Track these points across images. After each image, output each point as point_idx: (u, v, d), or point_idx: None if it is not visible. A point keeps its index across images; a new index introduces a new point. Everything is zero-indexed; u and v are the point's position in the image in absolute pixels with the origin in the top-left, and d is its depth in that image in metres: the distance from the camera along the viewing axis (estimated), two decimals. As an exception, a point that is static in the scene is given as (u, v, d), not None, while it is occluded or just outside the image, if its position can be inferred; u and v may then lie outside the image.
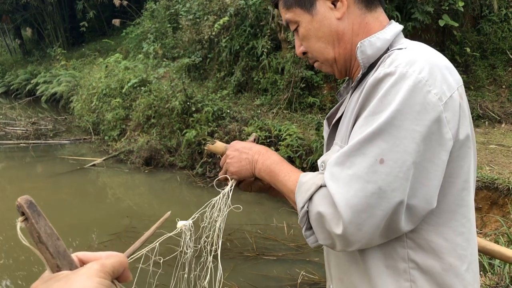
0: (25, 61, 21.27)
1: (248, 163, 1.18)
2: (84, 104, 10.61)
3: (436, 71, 0.90)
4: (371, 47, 1.02)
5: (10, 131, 10.53)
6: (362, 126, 0.90)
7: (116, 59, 10.76)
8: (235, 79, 7.99)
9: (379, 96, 0.89)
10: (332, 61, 1.10)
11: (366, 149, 0.87)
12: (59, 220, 5.69)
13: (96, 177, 7.43)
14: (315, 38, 1.08)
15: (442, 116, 0.87)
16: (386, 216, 0.85)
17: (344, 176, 0.88)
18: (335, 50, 1.08)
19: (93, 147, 9.02)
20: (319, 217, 0.91)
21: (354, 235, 0.86)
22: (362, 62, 1.02)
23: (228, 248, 4.35)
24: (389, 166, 0.85)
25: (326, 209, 0.89)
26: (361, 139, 0.87)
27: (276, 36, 7.62)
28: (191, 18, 9.18)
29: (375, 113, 0.88)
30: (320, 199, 0.91)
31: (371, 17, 1.06)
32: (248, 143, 1.23)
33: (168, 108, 7.46)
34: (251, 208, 5.67)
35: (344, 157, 0.89)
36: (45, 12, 19.63)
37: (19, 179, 7.44)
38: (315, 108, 6.97)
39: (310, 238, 0.97)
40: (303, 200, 0.95)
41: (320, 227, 0.92)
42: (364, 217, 0.85)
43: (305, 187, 0.96)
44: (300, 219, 0.96)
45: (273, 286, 3.60)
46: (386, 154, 0.85)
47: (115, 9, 15.52)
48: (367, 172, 0.86)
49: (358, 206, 0.85)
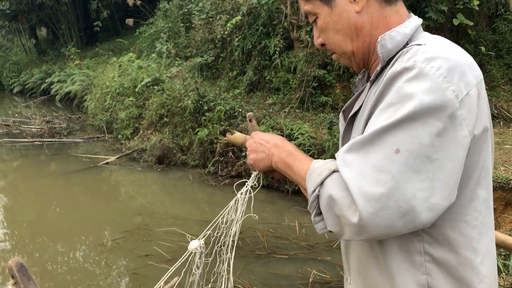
0: (40, 60, 21.52)
1: (265, 156, 1.17)
2: (98, 103, 10.71)
3: (455, 68, 0.90)
4: (391, 41, 1.01)
5: (25, 130, 10.67)
6: (378, 117, 0.90)
7: (129, 59, 10.84)
8: (247, 78, 8.00)
9: (396, 89, 0.90)
10: (350, 54, 1.10)
11: (382, 138, 0.87)
12: (72, 217, 5.75)
13: (109, 175, 7.49)
14: (334, 31, 1.08)
15: (458, 113, 0.87)
16: (399, 208, 0.84)
17: (358, 163, 0.88)
18: (353, 43, 1.08)
19: (107, 145, 9.10)
20: (330, 201, 0.90)
21: (368, 225, 0.85)
22: (382, 56, 1.02)
23: (239, 246, 4.36)
24: (404, 156, 0.85)
25: (339, 192, 0.89)
26: (378, 129, 0.88)
27: (288, 35, 7.61)
28: (203, 17, 9.20)
29: (392, 105, 0.89)
30: (332, 183, 0.91)
31: (391, 10, 1.05)
32: (266, 134, 1.22)
33: (180, 107, 7.49)
34: (263, 207, 5.67)
35: (359, 144, 0.89)
36: (60, 12, 19.84)
37: (34, 177, 7.53)
38: (328, 107, 6.95)
39: (319, 224, 0.96)
40: (315, 184, 0.94)
41: (330, 211, 0.91)
42: (378, 206, 0.84)
43: (317, 171, 0.96)
44: (310, 204, 0.95)
45: (284, 284, 3.60)
46: (402, 144, 0.85)
47: (129, 8, 15.62)
48: (382, 161, 0.86)
49: (370, 195, 0.84)
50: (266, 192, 6.00)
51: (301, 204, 5.44)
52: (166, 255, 4.26)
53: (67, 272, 4.26)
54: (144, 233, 4.86)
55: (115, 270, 4.29)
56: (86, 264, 4.44)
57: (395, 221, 0.85)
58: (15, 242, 5.16)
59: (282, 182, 5.92)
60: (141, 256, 4.34)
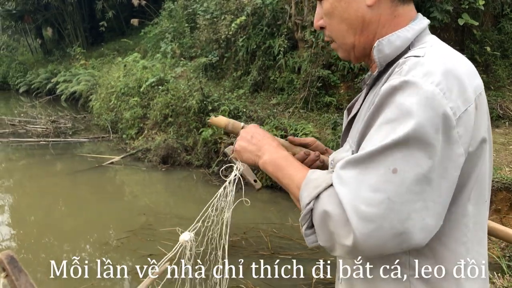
0: (46, 60, 21.61)
1: (255, 149, 1.15)
2: (103, 103, 10.75)
3: (454, 83, 0.86)
4: (389, 46, 0.98)
5: (31, 129, 10.72)
6: (376, 134, 0.87)
7: (134, 59, 10.87)
8: (252, 78, 8.00)
9: (395, 105, 0.86)
10: (350, 47, 1.05)
11: (379, 158, 0.84)
12: (77, 216, 5.78)
13: (114, 175, 7.52)
14: (339, 18, 1.02)
15: (454, 132, 0.84)
16: (393, 229, 0.82)
17: (353, 181, 0.85)
18: (355, 37, 1.03)
19: (111, 145, 9.13)
20: (324, 216, 0.88)
21: (361, 246, 0.83)
22: (379, 61, 0.99)
23: (243, 246, 4.37)
24: (400, 177, 0.82)
25: (334, 209, 0.86)
26: (376, 148, 0.85)
27: (293, 35, 7.61)
28: (208, 17, 9.22)
29: (390, 121, 0.85)
30: (328, 198, 0.88)
31: (402, 10, 1.01)
32: (263, 131, 1.20)
33: (185, 107, 7.51)
34: (266, 207, 5.68)
35: (356, 162, 0.86)
36: (66, 12, 19.92)
37: (39, 176, 7.57)
38: (332, 107, 6.94)
39: (310, 237, 0.94)
40: (310, 196, 0.91)
41: (324, 227, 0.89)
42: (371, 228, 0.82)
43: (314, 184, 0.93)
44: (302, 217, 0.93)
45: (287, 285, 3.60)
46: (399, 165, 0.83)
47: (134, 9, 15.67)
48: (378, 180, 0.83)
49: (366, 214, 0.82)
50: (270, 193, 6.00)
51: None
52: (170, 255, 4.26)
53: (72, 271, 4.28)
54: (148, 233, 4.88)
55: (119, 270, 4.31)
56: (92, 263, 4.47)
57: (388, 242, 0.83)
58: (20, 241, 5.19)
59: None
60: (145, 256, 4.35)
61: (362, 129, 0.94)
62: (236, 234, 4.59)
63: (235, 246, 4.36)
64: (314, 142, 1.32)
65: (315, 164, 1.27)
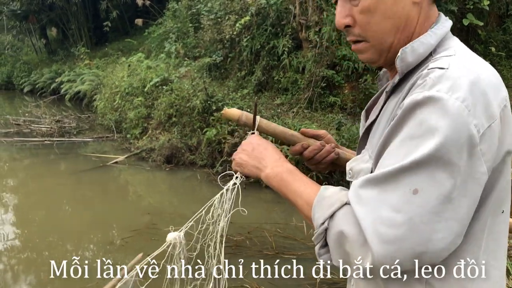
0: (50, 60, 21.68)
1: (257, 163, 1.12)
2: (107, 103, 10.77)
3: (479, 98, 0.82)
4: (412, 54, 0.93)
5: (35, 129, 10.75)
6: (397, 150, 0.84)
7: (138, 59, 10.90)
8: (256, 78, 8.01)
9: (418, 121, 0.82)
10: (386, 48, 0.97)
11: (400, 177, 0.81)
12: (81, 216, 5.80)
13: (118, 175, 7.54)
14: (383, 16, 0.93)
15: (477, 150, 0.81)
16: (413, 250, 0.80)
17: (373, 201, 0.82)
18: (396, 36, 0.95)
19: (116, 145, 9.15)
20: (340, 237, 0.86)
21: (378, 267, 0.81)
22: (401, 69, 0.94)
23: (247, 246, 4.37)
24: (423, 198, 0.79)
25: (351, 229, 0.84)
26: (397, 167, 0.82)
27: (297, 35, 7.61)
28: (212, 17, 9.23)
29: (413, 138, 0.82)
30: (344, 218, 0.86)
31: (433, 11, 0.98)
32: (266, 142, 1.17)
33: (189, 107, 7.52)
34: (270, 207, 5.68)
35: (376, 181, 0.84)
36: (70, 12, 19.98)
37: (43, 176, 7.59)
38: (336, 107, 6.94)
39: (324, 256, 0.91)
40: (324, 216, 0.89)
41: (339, 247, 0.87)
42: (391, 250, 0.79)
43: (328, 202, 0.90)
44: (316, 236, 0.90)
45: (292, 284, 3.60)
46: (421, 184, 0.80)
47: (138, 9, 15.71)
48: (398, 201, 0.80)
49: (385, 236, 0.80)
50: (274, 193, 5.95)
51: (309, 205, 5.43)
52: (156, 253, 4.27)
53: (76, 271, 4.29)
54: (153, 232, 4.88)
55: (119, 270, 4.31)
56: (95, 263, 4.48)
57: (406, 262, 0.81)
58: (25, 240, 5.21)
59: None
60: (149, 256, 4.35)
61: (382, 142, 0.90)
62: (240, 234, 4.59)
63: (240, 245, 4.37)
64: (326, 134, 1.30)
65: (330, 156, 1.25)
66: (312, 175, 5.08)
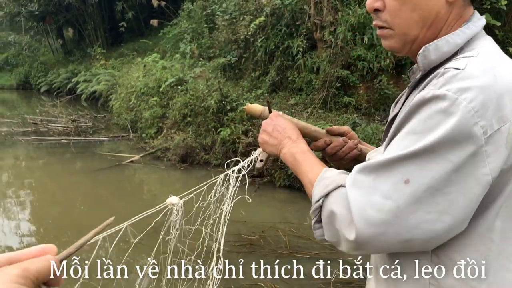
0: (67, 60, 21.97)
1: (276, 143, 1.18)
2: (123, 103, 10.88)
3: (491, 100, 0.82)
4: (435, 52, 0.94)
5: (52, 128, 10.90)
6: (398, 142, 0.89)
7: (154, 59, 10.99)
8: (270, 79, 8.02)
9: (422, 118, 0.86)
10: (411, 40, 0.98)
11: (395, 167, 0.85)
12: (96, 214, 5.86)
13: (133, 174, 7.61)
14: (412, 6, 0.95)
15: (482, 150, 0.82)
16: (398, 235, 0.85)
17: (366, 185, 0.87)
18: (422, 30, 0.96)
19: (131, 144, 9.24)
20: (331, 215, 0.92)
21: (364, 244, 0.87)
22: (423, 66, 0.96)
23: (261, 245, 4.39)
24: (412, 188, 0.83)
25: (340, 209, 0.89)
26: (394, 157, 0.86)
27: (311, 35, 7.61)
28: (227, 18, 9.27)
29: (414, 133, 0.86)
30: (336, 198, 0.91)
31: (467, 10, 0.98)
32: (286, 122, 1.21)
33: (203, 107, 7.56)
34: (284, 207, 5.69)
35: (372, 168, 0.88)
36: (86, 13, 20.24)
37: (60, 174, 7.69)
38: (351, 108, 6.91)
39: (318, 230, 0.98)
40: (320, 194, 0.95)
41: (330, 224, 0.93)
42: (376, 231, 0.85)
43: (325, 182, 0.96)
44: (312, 211, 0.97)
45: (306, 284, 3.60)
46: (412, 175, 0.84)
47: (153, 10, 15.82)
48: (389, 189, 0.85)
49: (371, 219, 0.85)
50: (288, 192, 6.01)
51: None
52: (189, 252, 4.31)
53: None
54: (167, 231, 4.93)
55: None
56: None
57: (392, 245, 0.87)
58: (41, 238, 5.28)
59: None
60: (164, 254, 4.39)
61: (391, 134, 0.95)
62: (255, 233, 4.61)
63: (254, 244, 4.38)
64: (349, 131, 1.32)
65: (352, 153, 1.28)
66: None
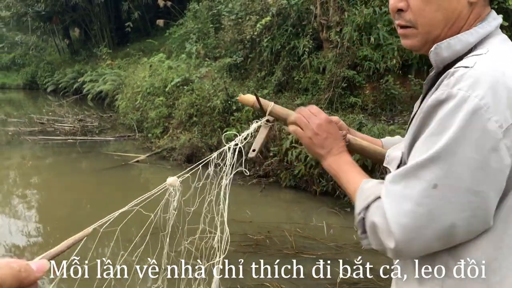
0: (73, 60, 22.07)
1: (324, 152, 1.19)
2: (129, 102, 10.91)
3: (503, 94, 0.85)
4: (448, 50, 0.97)
5: (59, 128, 10.95)
6: (420, 147, 0.92)
7: (160, 59, 11.01)
8: (276, 79, 8.01)
9: (438, 119, 0.89)
10: (432, 39, 1.01)
11: (421, 173, 0.89)
12: (102, 213, 5.85)
13: (139, 173, 7.63)
14: (437, 7, 0.97)
15: (501, 144, 0.84)
16: (436, 236, 0.89)
17: (398, 195, 0.91)
18: (444, 29, 0.99)
19: (137, 144, 9.26)
20: (373, 226, 0.96)
21: (404, 250, 0.91)
22: (436, 64, 0.99)
23: (267, 245, 4.38)
24: (442, 191, 0.87)
25: (380, 220, 0.93)
26: (418, 162, 0.89)
27: (317, 35, 7.60)
28: (233, 18, 9.27)
29: (432, 135, 0.89)
30: (375, 210, 0.96)
31: (486, 9, 1.00)
32: (337, 131, 1.22)
33: (209, 107, 7.57)
34: (290, 207, 5.69)
35: (400, 177, 0.92)
36: (92, 13, 20.32)
37: (66, 173, 7.71)
38: (357, 108, 6.89)
39: (364, 241, 1.02)
40: (360, 207, 1.00)
41: (374, 234, 0.97)
42: (413, 236, 0.89)
43: (365, 194, 1.01)
44: (356, 223, 1.02)
45: (312, 284, 3.60)
46: (440, 179, 0.87)
47: (159, 10, 15.87)
48: (419, 196, 0.88)
49: (407, 225, 0.89)
50: (294, 193, 6.00)
51: (329, 205, 5.43)
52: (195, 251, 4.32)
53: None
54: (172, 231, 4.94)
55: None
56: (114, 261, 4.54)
57: (433, 246, 0.92)
58: (47, 237, 5.30)
59: (309, 182, 5.91)
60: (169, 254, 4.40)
61: (411, 138, 0.98)
62: (260, 233, 4.61)
63: (260, 244, 4.38)
64: (338, 121, 1.34)
65: None
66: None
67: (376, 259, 3.95)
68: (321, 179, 5.75)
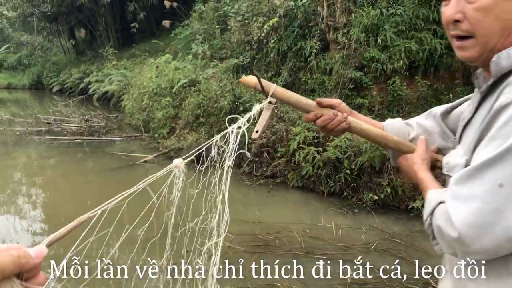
0: (78, 60, 22.13)
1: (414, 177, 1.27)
2: (135, 103, 10.94)
3: None
4: (507, 60, 1.00)
5: (66, 128, 10.99)
6: (484, 149, 0.95)
7: (166, 60, 11.05)
8: (283, 80, 8.03)
9: (501, 123, 0.93)
10: (489, 49, 1.03)
11: (486, 173, 0.92)
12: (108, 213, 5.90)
13: (146, 174, 7.63)
14: (496, 17, 0.99)
15: None
16: (506, 234, 0.91)
17: (465, 195, 0.94)
18: (501, 39, 1.01)
19: (144, 144, 9.29)
20: (439, 230, 1.00)
21: (473, 247, 0.93)
22: (495, 72, 1.02)
23: (276, 245, 4.40)
24: (508, 190, 0.89)
25: (443, 223, 0.97)
26: (482, 163, 0.93)
27: (324, 37, 7.62)
28: (239, 19, 9.30)
29: (496, 139, 0.93)
30: (439, 214, 1.00)
31: None
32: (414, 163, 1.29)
33: (216, 108, 7.60)
34: (298, 208, 5.70)
35: (465, 178, 0.95)
36: (98, 13, 20.39)
37: (72, 173, 7.74)
38: (364, 109, 6.90)
39: (436, 246, 1.05)
40: (426, 213, 1.05)
41: (442, 238, 1.01)
42: (482, 232, 0.91)
43: (430, 202, 1.06)
44: (426, 229, 1.06)
45: (322, 284, 3.61)
46: (505, 179, 0.90)
47: (165, 10, 15.91)
48: (486, 195, 0.91)
49: (475, 222, 0.91)
50: (301, 193, 6.02)
51: (337, 206, 5.44)
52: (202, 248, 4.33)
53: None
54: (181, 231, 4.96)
55: (149, 268, 4.39)
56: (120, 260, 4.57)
57: (502, 245, 0.92)
58: (54, 236, 5.33)
59: (316, 183, 5.92)
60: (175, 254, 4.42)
61: (476, 141, 1.01)
62: (269, 233, 4.62)
63: (269, 245, 4.40)
64: (340, 103, 1.37)
65: (341, 126, 1.33)
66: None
67: (385, 260, 3.97)
68: (328, 179, 5.77)
